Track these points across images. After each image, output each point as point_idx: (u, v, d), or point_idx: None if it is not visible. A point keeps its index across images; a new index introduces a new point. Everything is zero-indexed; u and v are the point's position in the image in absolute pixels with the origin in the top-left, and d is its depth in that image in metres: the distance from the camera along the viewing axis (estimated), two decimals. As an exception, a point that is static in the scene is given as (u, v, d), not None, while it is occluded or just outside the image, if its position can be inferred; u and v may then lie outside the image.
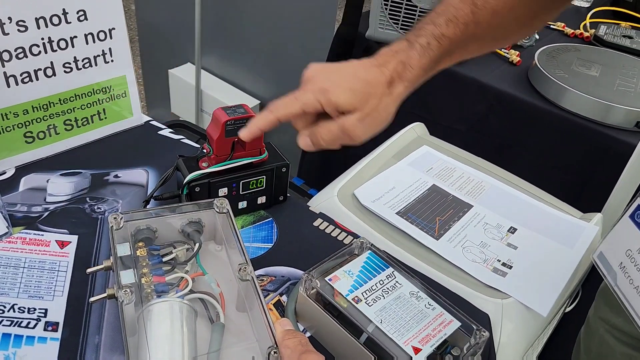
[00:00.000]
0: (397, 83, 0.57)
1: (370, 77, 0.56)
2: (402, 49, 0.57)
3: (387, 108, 0.57)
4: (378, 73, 0.56)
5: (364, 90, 0.55)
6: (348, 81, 0.55)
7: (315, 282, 0.57)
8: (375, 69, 0.56)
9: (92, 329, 0.57)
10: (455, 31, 0.57)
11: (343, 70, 0.57)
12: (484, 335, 0.54)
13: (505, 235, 0.79)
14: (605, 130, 1.12)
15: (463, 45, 0.59)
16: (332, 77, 0.56)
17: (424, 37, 0.57)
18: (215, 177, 0.69)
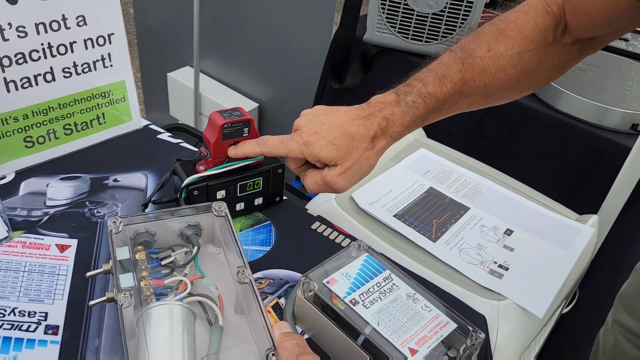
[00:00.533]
0: (380, 138, 0.61)
1: (354, 131, 0.60)
2: (390, 103, 0.61)
3: (368, 161, 0.61)
4: (363, 127, 0.60)
5: (347, 144, 0.59)
6: (333, 135, 0.60)
7: (313, 284, 0.57)
8: (361, 123, 0.60)
9: (92, 332, 0.57)
10: (442, 90, 0.60)
11: (330, 124, 0.61)
12: (480, 337, 0.55)
13: (501, 238, 0.80)
14: (601, 132, 1.13)
15: (451, 102, 0.62)
16: (318, 131, 0.60)
17: (411, 94, 0.61)
18: (213, 180, 0.70)
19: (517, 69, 0.62)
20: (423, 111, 0.60)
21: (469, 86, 0.61)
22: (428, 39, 1.28)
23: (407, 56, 1.33)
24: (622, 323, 0.77)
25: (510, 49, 0.61)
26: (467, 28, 1.25)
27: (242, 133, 0.69)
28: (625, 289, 0.78)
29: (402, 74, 1.41)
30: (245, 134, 0.70)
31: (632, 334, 0.75)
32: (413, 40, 1.29)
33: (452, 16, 1.24)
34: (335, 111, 0.62)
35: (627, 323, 0.75)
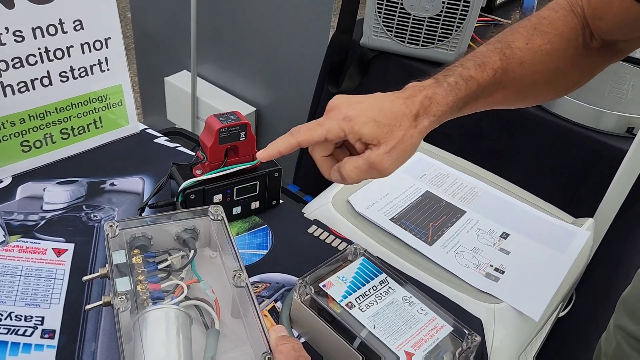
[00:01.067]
0: (422, 117, 0.56)
1: (395, 109, 0.55)
2: (429, 85, 0.57)
3: (412, 140, 0.56)
4: (404, 106, 0.55)
5: (389, 122, 0.55)
6: (373, 112, 0.55)
7: (309, 288, 0.58)
8: (401, 102, 0.56)
9: (88, 336, 0.57)
10: (482, 75, 0.58)
11: (368, 102, 0.56)
12: (476, 340, 0.55)
13: (497, 241, 0.80)
14: (596, 135, 1.14)
15: (489, 91, 0.60)
16: (357, 107, 0.55)
17: (452, 76, 0.57)
18: (210, 184, 0.70)
19: (552, 66, 0.61)
20: (465, 93, 0.57)
21: (508, 77, 0.59)
22: (424, 42, 1.29)
23: (404, 60, 1.33)
24: (623, 328, 0.77)
25: (546, 44, 0.60)
26: (463, 32, 1.26)
27: (238, 137, 0.69)
28: (627, 294, 0.79)
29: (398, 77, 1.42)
30: (242, 138, 0.70)
31: (633, 338, 0.75)
32: (409, 44, 1.30)
33: (449, 20, 1.25)
34: (371, 95, 0.58)
35: (629, 327, 0.76)
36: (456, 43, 1.27)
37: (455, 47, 1.28)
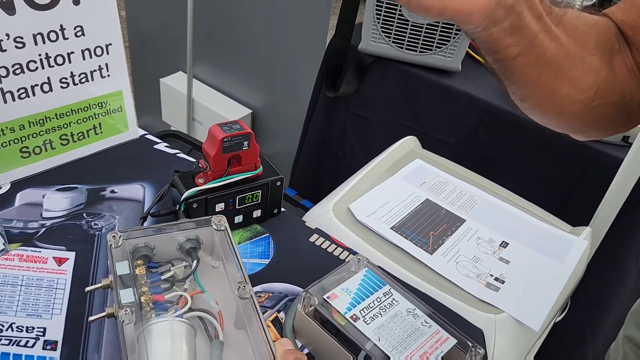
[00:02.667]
0: None
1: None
2: None
3: None
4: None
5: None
6: None
7: (313, 299, 0.58)
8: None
9: (91, 347, 0.57)
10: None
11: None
12: (480, 353, 0.55)
13: (497, 250, 0.81)
14: (592, 144, 1.15)
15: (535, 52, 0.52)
16: None
17: None
18: (212, 193, 0.70)
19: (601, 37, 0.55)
20: None
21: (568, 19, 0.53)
22: (422, 49, 1.29)
23: (402, 66, 1.34)
24: (632, 338, 0.78)
25: (594, 17, 0.55)
26: (461, 38, 1.27)
27: (241, 146, 0.69)
28: (638, 307, 0.79)
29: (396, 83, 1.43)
30: (245, 147, 0.70)
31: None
32: (408, 50, 1.30)
33: (447, 27, 1.25)
34: None
35: (637, 338, 0.76)
36: (454, 50, 1.28)
37: (453, 53, 1.28)
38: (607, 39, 0.55)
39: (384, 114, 1.40)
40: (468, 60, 1.37)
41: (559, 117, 0.58)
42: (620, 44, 0.56)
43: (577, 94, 0.54)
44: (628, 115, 0.58)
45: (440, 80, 1.30)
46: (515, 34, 0.49)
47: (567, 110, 0.56)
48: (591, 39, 0.54)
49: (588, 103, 0.55)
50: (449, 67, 1.30)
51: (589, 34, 0.54)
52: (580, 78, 0.54)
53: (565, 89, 0.54)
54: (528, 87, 0.55)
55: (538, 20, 0.50)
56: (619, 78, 0.56)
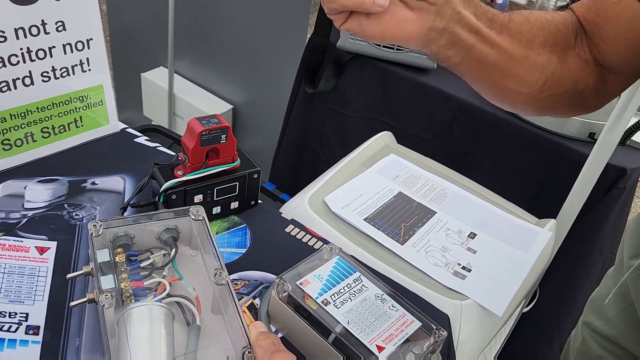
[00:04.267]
0: None
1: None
2: None
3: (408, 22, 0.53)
4: None
5: None
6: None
7: (287, 285, 0.61)
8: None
9: (72, 332, 0.59)
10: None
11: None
12: (443, 335, 0.59)
13: (465, 240, 0.84)
14: (561, 140, 1.19)
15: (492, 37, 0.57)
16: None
17: None
18: (191, 185, 0.72)
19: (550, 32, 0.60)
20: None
21: (511, 29, 0.58)
22: (399, 47, 1.33)
23: (379, 63, 1.37)
24: (590, 324, 0.82)
25: (546, 15, 0.60)
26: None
27: (219, 140, 0.72)
28: (596, 294, 0.83)
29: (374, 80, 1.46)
30: (223, 141, 0.72)
31: (597, 334, 0.80)
32: (385, 48, 1.33)
33: (423, 26, 1.29)
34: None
35: (595, 324, 0.81)
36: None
37: (429, 51, 1.32)
38: (558, 36, 0.60)
39: (361, 110, 1.43)
40: (443, 58, 1.40)
41: (514, 106, 0.64)
42: (578, 38, 0.61)
43: (524, 89, 0.60)
44: (584, 101, 0.64)
45: (416, 77, 1.34)
46: (453, 48, 0.56)
47: (518, 102, 0.62)
48: (537, 39, 0.59)
49: (536, 95, 0.61)
50: (424, 64, 1.34)
51: (536, 35, 0.59)
52: (525, 75, 0.59)
53: (512, 85, 0.60)
54: (478, 85, 0.61)
55: (475, 34, 0.55)
56: (571, 70, 0.61)
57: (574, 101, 0.64)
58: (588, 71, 0.61)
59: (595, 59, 0.61)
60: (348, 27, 0.54)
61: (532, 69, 0.59)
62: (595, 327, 0.79)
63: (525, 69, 0.59)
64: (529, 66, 0.59)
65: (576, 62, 0.61)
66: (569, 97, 0.63)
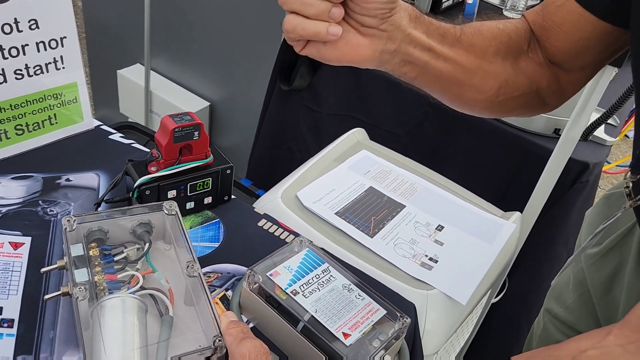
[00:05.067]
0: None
1: None
2: None
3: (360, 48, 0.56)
4: None
5: None
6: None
7: (257, 277, 0.63)
8: None
9: (46, 325, 0.60)
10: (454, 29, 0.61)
11: None
12: (407, 322, 0.61)
13: (433, 233, 0.87)
14: (528, 136, 1.23)
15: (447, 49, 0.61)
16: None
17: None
18: (164, 181, 0.74)
19: (503, 40, 0.63)
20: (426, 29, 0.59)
21: (464, 43, 0.61)
22: (372, 45, 1.35)
23: (353, 61, 1.39)
24: (550, 310, 0.86)
25: (498, 25, 0.64)
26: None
27: (192, 136, 0.73)
28: (557, 281, 0.87)
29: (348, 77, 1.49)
30: (196, 137, 0.74)
31: (558, 320, 0.84)
32: (358, 45, 1.36)
33: (395, 24, 1.31)
34: None
35: (555, 310, 0.85)
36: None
37: (401, 49, 1.35)
38: (510, 44, 0.64)
39: (336, 107, 1.46)
40: (416, 56, 1.44)
41: (473, 111, 0.67)
42: (531, 43, 0.65)
43: (480, 95, 0.64)
44: (541, 100, 0.68)
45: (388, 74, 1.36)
46: (407, 65, 0.60)
47: (476, 107, 0.66)
48: (490, 49, 0.63)
49: (493, 100, 0.65)
50: (397, 62, 1.36)
51: (489, 45, 0.63)
52: (480, 84, 0.63)
53: (468, 93, 0.64)
54: (436, 94, 0.65)
55: (427, 51, 0.59)
56: (526, 73, 0.65)
57: (532, 102, 0.68)
58: (542, 73, 0.66)
59: (547, 59, 0.64)
60: (307, 53, 0.57)
61: (486, 77, 0.63)
62: (556, 313, 0.83)
63: (480, 78, 0.63)
64: (483, 75, 0.63)
65: (530, 66, 0.65)
66: (526, 99, 0.67)
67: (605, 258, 0.72)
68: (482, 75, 0.63)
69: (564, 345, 0.45)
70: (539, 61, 0.65)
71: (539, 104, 0.69)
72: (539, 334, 0.90)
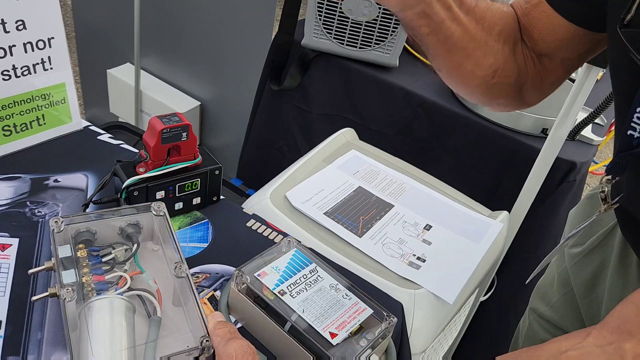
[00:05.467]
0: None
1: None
2: None
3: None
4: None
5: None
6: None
7: (245, 277, 0.63)
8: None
9: (34, 326, 0.60)
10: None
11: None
12: (393, 321, 0.62)
13: (421, 232, 0.88)
14: (515, 135, 1.24)
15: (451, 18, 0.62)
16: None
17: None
18: (153, 181, 0.74)
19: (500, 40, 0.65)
20: None
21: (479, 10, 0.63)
22: (362, 45, 1.36)
23: (343, 61, 1.40)
24: (535, 310, 0.87)
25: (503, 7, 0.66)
26: (398, 36, 1.34)
27: (180, 137, 0.73)
28: (542, 281, 0.88)
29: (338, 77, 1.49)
30: (184, 138, 0.74)
31: (542, 318, 0.85)
32: (348, 46, 1.37)
33: (384, 25, 1.32)
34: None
35: (540, 309, 0.86)
36: (392, 46, 1.35)
37: (391, 49, 1.36)
38: (511, 29, 0.66)
39: (326, 107, 1.46)
40: (405, 56, 1.45)
41: (466, 88, 0.69)
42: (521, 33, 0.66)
43: (479, 71, 0.66)
44: (521, 96, 0.70)
45: (378, 75, 1.38)
46: (426, 18, 0.60)
47: (471, 83, 0.67)
48: (496, 27, 0.65)
49: (488, 80, 0.66)
50: (386, 62, 1.37)
51: (496, 23, 0.65)
52: (481, 58, 0.65)
53: (469, 65, 0.65)
54: (440, 60, 0.66)
55: (447, 10, 0.60)
56: (518, 63, 0.67)
57: (516, 94, 0.69)
58: (530, 65, 0.68)
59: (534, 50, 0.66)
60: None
61: (488, 53, 0.65)
62: (541, 312, 0.84)
63: (483, 52, 0.65)
64: (486, 50, 0.65)
65: (521, 55, 0.67)
66: (512, 89, 0.69)
67: (588, 258, 0.73)
68: (485, 50, 0.64)
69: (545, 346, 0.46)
70: (528, 53, 0.67)
71: (518, 99, 0.71)
72: (524, 332, 0.91)
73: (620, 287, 0.66)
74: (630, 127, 0.51)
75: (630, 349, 0.42)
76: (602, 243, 0.71)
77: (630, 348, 0.42)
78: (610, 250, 0.69)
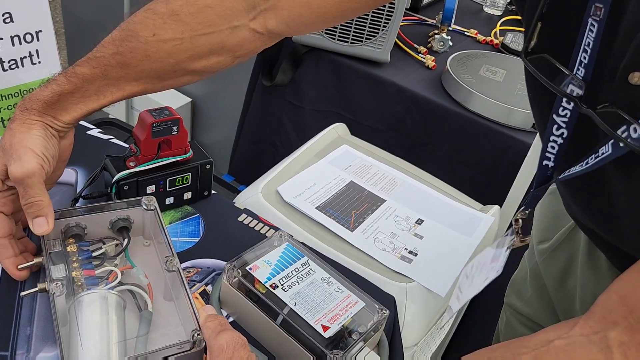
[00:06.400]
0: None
1: None
2: None
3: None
4: None
5: None
6: None
7: (237, 271, 0.63)
8: None
9: (23, 322, 0.60)
10: (93, 70, 0.62)
11: None
12: (385, 314, 0.62)
13: (413, 227, 0.88)
14: (506, 131, 1.25)
15: (111, 84, 0.62)
16: None
17: (62, 72, 0.61)
18: (143, 176, 0.73)
19: (189, 54, 0.63)
20: (65, 88, 0.60)
21: (131, 69, 0.62)
22: (353, 40, 1.36)
23: (334, 56, 1.40)
24: (511, 305, 0.87)
25: (180, 34, 0.61)
26: (389, 31, 1.34)
27: (171, 131, 0.73)
28: (515, 276, 0.89)
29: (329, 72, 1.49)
30: (175, 132, 0.73)
31: (519, 314, 0.86)
32: (339, 41, 1.36)
33: (376, 19, 1.32)
34: None
35: (516, 304, 0.86)
36: (383, 41, 1.35)
37: (382, 44, 1.36)
38: (218, 24, 0.63)
39: (318, 102, 1.46)
40: (397, 52, 1.45)
41: None
42: (248, 17, 0.64)
43: None
44: None
45: (370, 70, 1.37)
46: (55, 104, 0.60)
47: None
48: None
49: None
50: (378, 58, 1.37)
51: None
52: None
53: None
54: None
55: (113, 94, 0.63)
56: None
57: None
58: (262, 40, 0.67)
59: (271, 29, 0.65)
60: None
61: None
62: (517, 307, 0.84)
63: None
64: None
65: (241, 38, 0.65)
66: None
67: (556, 253, 0.73)
68: None
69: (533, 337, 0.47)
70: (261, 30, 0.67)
71: None
72: (502, 327, 0.91)
73: (592, 280, 0.66)
74: (545, 157, 0.51)
75: (615, 337, 0.42)
76: (569, 238, 0.71)
77: (615, 336, 0.42)
78: (578, 244, 0.69)
